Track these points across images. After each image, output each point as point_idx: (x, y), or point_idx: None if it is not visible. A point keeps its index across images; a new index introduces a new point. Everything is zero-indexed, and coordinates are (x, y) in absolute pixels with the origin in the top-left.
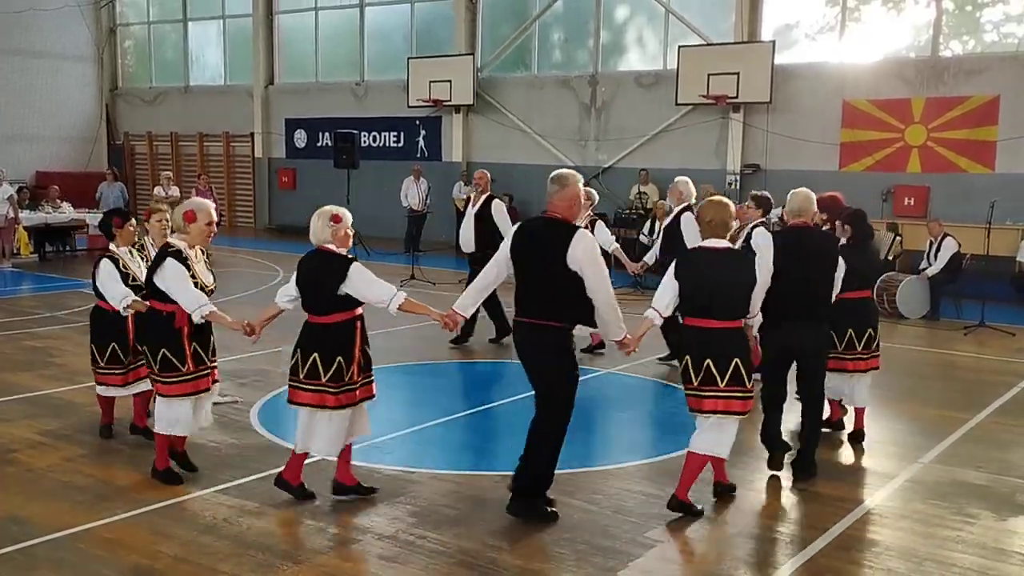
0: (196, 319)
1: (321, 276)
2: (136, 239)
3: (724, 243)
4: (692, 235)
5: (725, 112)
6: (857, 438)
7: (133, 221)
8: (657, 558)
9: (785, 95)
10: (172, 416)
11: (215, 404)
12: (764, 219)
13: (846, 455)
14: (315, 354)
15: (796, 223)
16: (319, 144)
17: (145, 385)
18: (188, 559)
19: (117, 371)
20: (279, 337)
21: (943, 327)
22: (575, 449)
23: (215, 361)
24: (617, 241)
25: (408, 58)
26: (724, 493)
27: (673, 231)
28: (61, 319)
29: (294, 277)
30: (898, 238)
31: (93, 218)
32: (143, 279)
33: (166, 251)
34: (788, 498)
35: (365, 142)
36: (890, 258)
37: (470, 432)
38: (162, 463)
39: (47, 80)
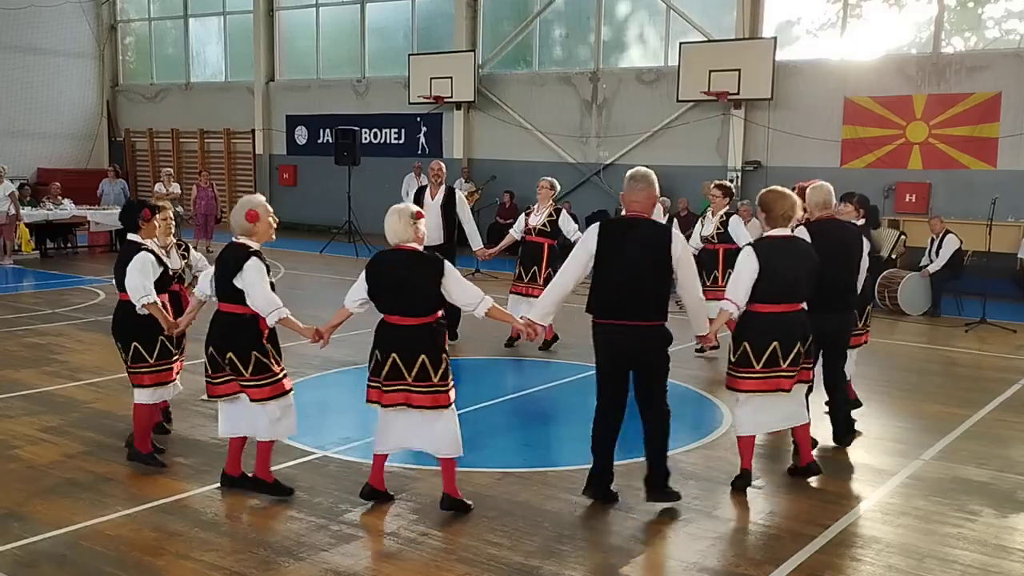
0: (271, 323)
1: (419, 278)
2: (171, 234)
3: (788, 232)
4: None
5: (726, 109)
6: (854, 405)
7: (169, 214)
8: (658, 554)
9: (786, 92)
10: (288, 417)
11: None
12: (729, 207)
13: (847, 452)
14: (423, 355)
15: (822, 216)
16: (320, 141)
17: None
18: (190, 555)
19: (143, 370)
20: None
21: (944, 324)
22: (577, 445)
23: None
24: None
25: (409, 55)
26: (802, 474)
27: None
28: (63, 316)
29: (364, 279)
30: (903, 236)
31: (94, 215)
32: (180, 268)
33: (248, 252)
34: (789, 495)
35: (366, 139)
36: (893, 256)
37: (469, 429)
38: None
39: (48, 77)
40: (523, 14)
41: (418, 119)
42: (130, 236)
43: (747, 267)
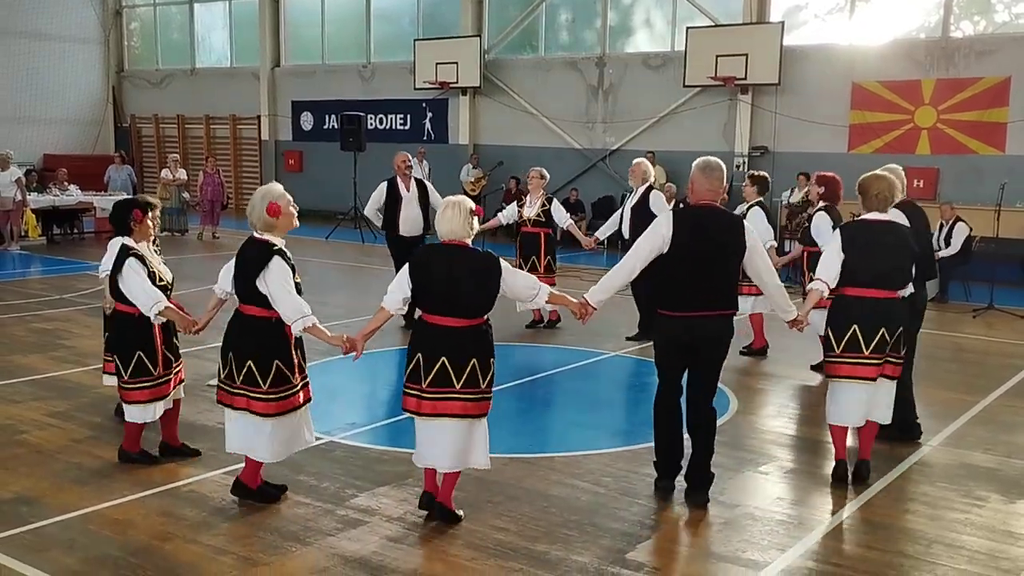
0: (296, 332)
1: (483, 276)
2: (153, 233)
3: (886, 216)
4: (662, 211)
5: (733, 94)
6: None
7: (157, 212)
8: (665, 540)
9: (794, 77)
10: (289, 434)
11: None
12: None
13: (852, 438)
14: (475, 359)
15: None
16: (325, 126)
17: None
18: (197, 540)
19: (145, 384)
20: None
21: (952, 309)
22: (582, 432)
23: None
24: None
25: (415, 40)
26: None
27: (641, 209)
28: (69, 301)
29: (407, 277)
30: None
31: (101, 201)
32: (169, 279)
33: (271, 250)
34: (795, 480)
35: (371, 124)
36: None
37: None
38: (257, 482)
39: (53, 63)
40: None
41: (424, 104)
42: (123, 240)
43: (835, 248)
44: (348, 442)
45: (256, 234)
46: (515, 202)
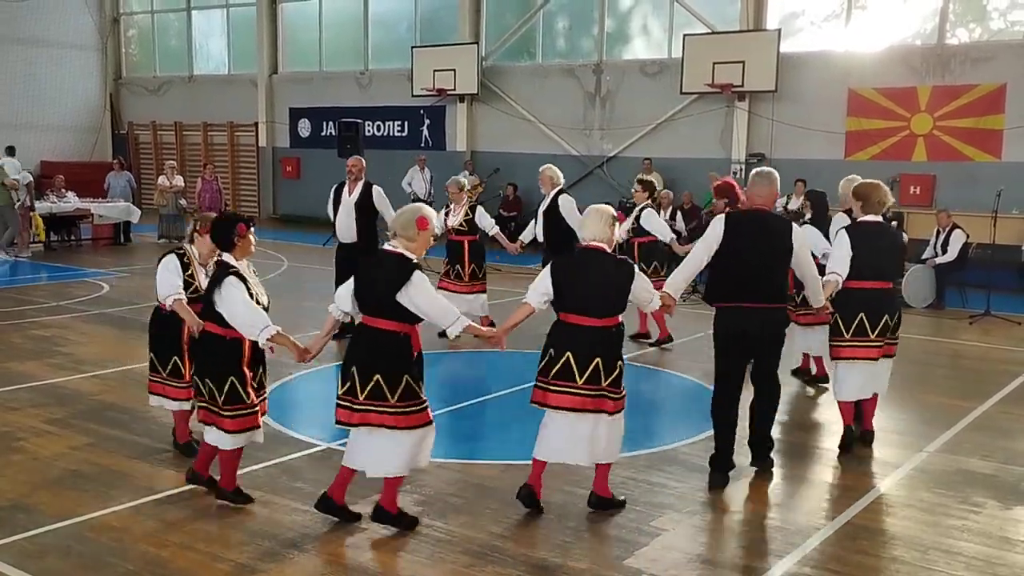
0: (452, 335)
1: (619, 278)
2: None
3: (879, 218)
4: (573, 216)
5: (730, 101)
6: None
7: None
8: (663, 547)
9: (790, 84)
10: (423, 450)
11: None
12: (650, 201)
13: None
14: (599, 358)
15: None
16: (323, 133)
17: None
18: (195, 547)
19: (241, 411)
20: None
21: (948, 316)
22: None
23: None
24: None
25: (412, 47)
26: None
27: (552, 214)
28: (67, 308)
29: (550, 278)
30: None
31: (98, 208)
32: (265, 301)
33: (411, 264)
34: (793, 486)
35: (369, 131)
36: None
37: (474, 421)
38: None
39: (51, 69)
40: (526, 6)
41: (421, 112)
42: (224, 256)
43: (844, 245)
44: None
45: (391, 246)
46: (443, 211)
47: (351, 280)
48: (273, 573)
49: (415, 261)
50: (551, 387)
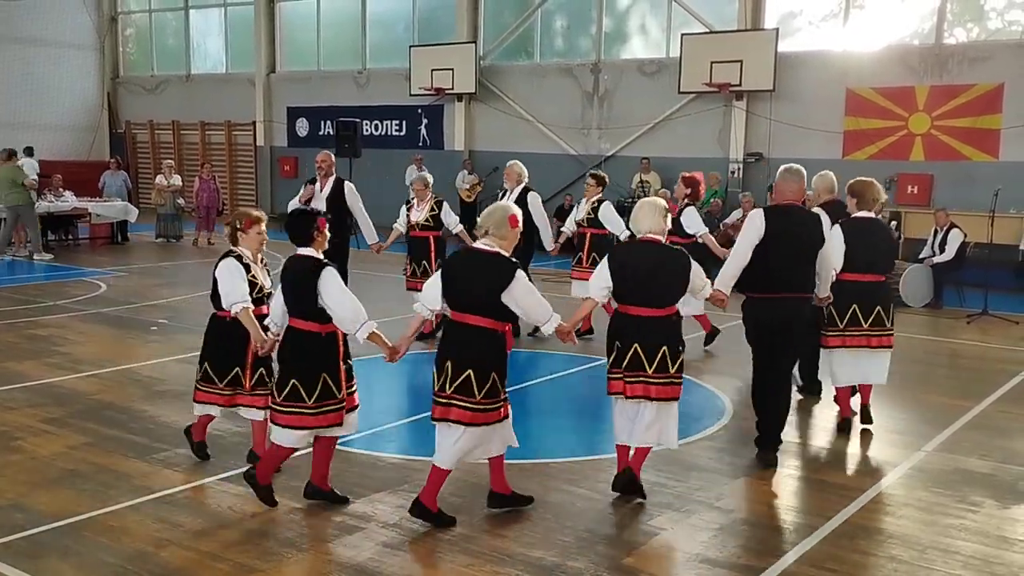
0: (547, 331)
1: (670, 269)
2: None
3: (871, 214)
4: (540, 214)
5: (728, 100)
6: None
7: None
8: (660, 546)
9: (788, 83)
10: (507, 436)
11: None
12: (601, 195)
13: (849, 443)
14: (665, 347)
15: (830, 199)
16: (321, 132)
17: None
18: (193, 547)
19: (331, 407)
20: None
21: (946, 315)
22: (579, 438)
23: None
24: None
25: (410, 46)
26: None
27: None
28: (65, 308)
29: (608, 270)
30: (893, 222)
31: (95, 207)
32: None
33: (512, 262)
34: (791, 486)
35: (367, 131)
36: None
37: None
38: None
39: (49, 68)
40: (524, 5)
41: (419, 111)
42: (303, 250)
43: (838, 240)
44: (345, 449)
45: (484, 245)
46: (404, 206)
47: (437, 279)
48: (272, 572)
49: (514, 259)
50: (628, 378)
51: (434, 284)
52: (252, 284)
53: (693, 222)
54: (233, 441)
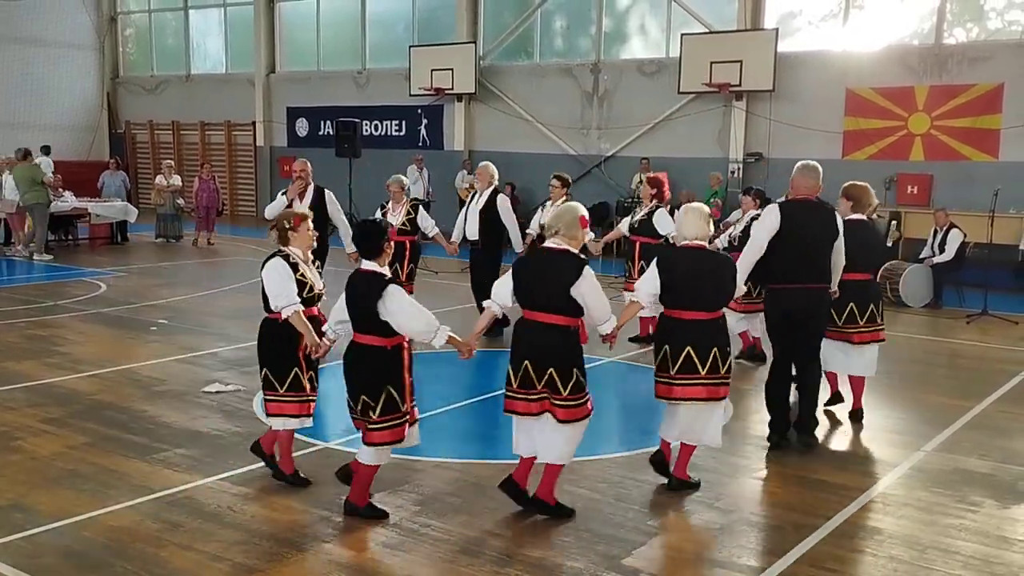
0: (605, 329)
1: (723, 271)
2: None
3: (864, 217)
4: (509, 216)
5: (728, 100)
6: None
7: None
8: (660, 546)
9: (788, 83)
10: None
11: (217, 392)
12: (568, 194)
13: (849, 443)
14: (716, 348)
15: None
16: (321, 133)
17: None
18: (193, 547)
19: (395, 422)
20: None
21: (946, 315)
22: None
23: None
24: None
25: (410, 46)
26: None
27: (490, 212)
28: (65, 307)
29: (656, 273)
30: (894, 223)
31: (95, 207)
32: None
33: (582, 261)
34: (791, 486)
35: (367, 131)
36: (889, 244)
37: (472, 420)
38: None
39: (48, 68)
40: (524, 5)
41: (419, 111)
42: (368, 264)
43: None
44: (344, 449)
45: (558, 245)
46: (379, 210)
47: (509, 277)
48: (271, 572)
49: (584, 258)
50: (676, 381)
51: (506, 282)
52: (301, 284)
53: (665, 223)
54: (232, 441)
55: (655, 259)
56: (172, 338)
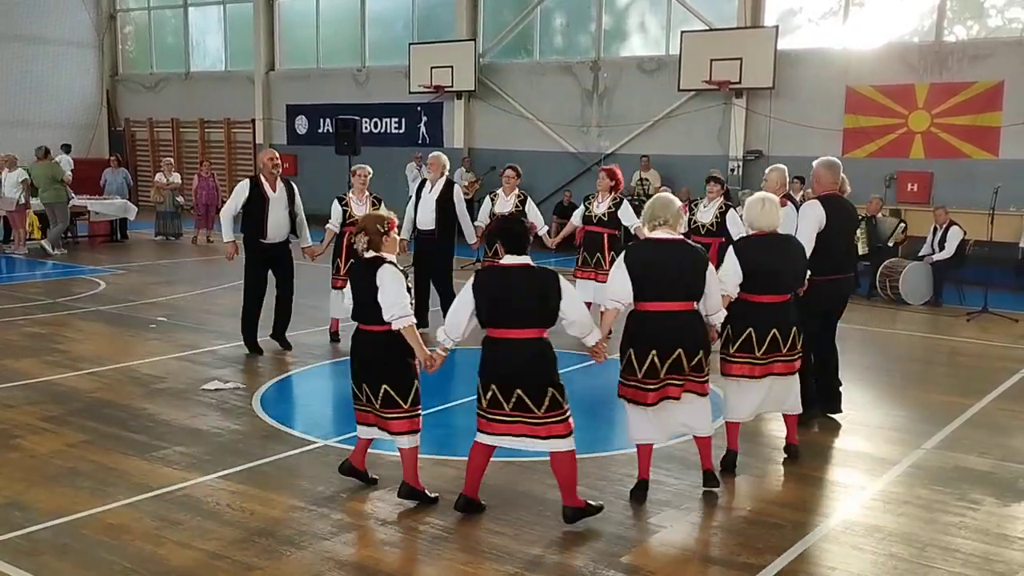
0: (717, 321)
1: (798, 255)
2: None
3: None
4: (463, 206)
5: (728, 98)
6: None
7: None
8: (660, 543)
9: (788, 81)
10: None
11: (216, 390)
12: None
13: (849, 441)
14: (794, 328)
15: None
16: (320, 130)
17: None
18: (191, 545)
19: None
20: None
21: (946, 313)
22: (578, 435)
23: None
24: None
25: (409, 44)
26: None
27: (446, 202)
28: (64, 305)
29: (737, 263)
30: (902, 224)
31: (94, 204)
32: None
33: (704, 253)
34: (790, 483)
35: (366, 128)
36: (891, 244)
37: (471, 418)
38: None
39: (48, 66)
40: (523, 3)
41: (419, 108)
42: (514, 260)
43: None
44: (343, 446)
45: (661, 234)
46: (338, 203)
47: (624, 274)
48: (270, 570)
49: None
50: (759, 361)
51: (621, 278)
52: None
53: (628, 215)
54: (231, 439)
55: (731, 249)
56: (171, 336)
